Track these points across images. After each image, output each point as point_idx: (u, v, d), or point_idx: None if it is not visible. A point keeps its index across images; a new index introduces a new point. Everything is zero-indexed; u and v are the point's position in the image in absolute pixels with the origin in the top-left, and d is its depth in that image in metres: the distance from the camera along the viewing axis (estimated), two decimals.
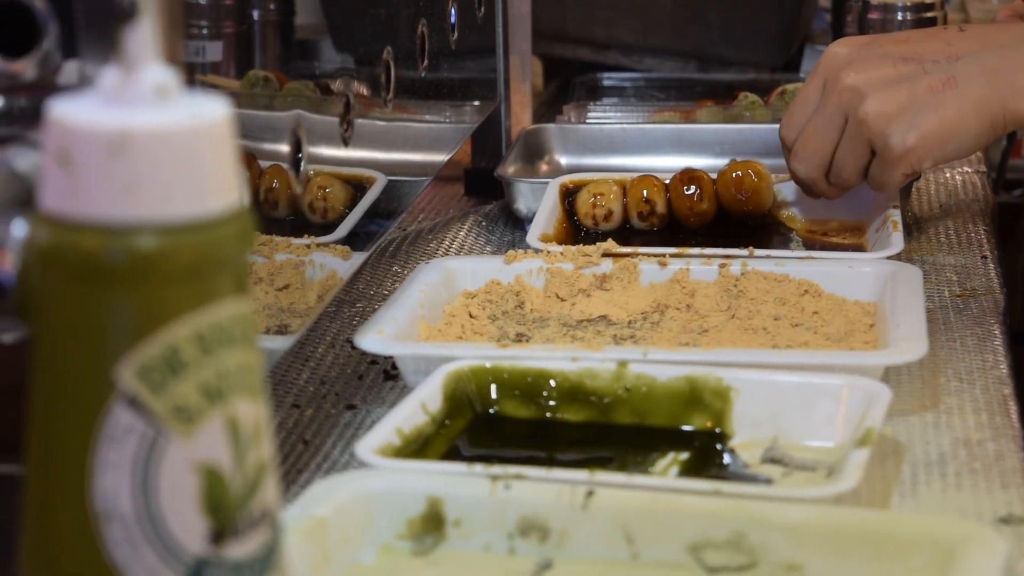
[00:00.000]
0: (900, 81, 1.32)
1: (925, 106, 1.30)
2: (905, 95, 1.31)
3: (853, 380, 1.08)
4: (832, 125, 1.35)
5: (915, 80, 1.31)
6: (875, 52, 1.34)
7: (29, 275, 0.64)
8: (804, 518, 0.90)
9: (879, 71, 1.32)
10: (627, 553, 0.92)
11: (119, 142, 0.62)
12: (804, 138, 1.37)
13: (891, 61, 1.32)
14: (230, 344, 0.65)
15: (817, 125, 1.36)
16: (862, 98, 1.32)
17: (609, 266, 1.33)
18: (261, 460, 0.66)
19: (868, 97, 1.31)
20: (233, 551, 0.65)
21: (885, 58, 1.33)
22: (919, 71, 1.32)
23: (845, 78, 1.33)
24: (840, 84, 1.33)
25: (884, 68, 1.32)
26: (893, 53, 1.33)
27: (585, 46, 2.07)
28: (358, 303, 1.40)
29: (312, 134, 1.20)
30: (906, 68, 1.32)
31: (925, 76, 1.31)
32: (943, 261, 1.46)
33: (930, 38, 1.34)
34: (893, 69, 1.32)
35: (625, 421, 1.10)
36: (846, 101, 1.33)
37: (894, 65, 1.32)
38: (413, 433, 1.05)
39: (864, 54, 1.34)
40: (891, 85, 1.31)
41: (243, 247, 0.65)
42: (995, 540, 0.87)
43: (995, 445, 1.08)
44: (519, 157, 1.69)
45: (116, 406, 0.63)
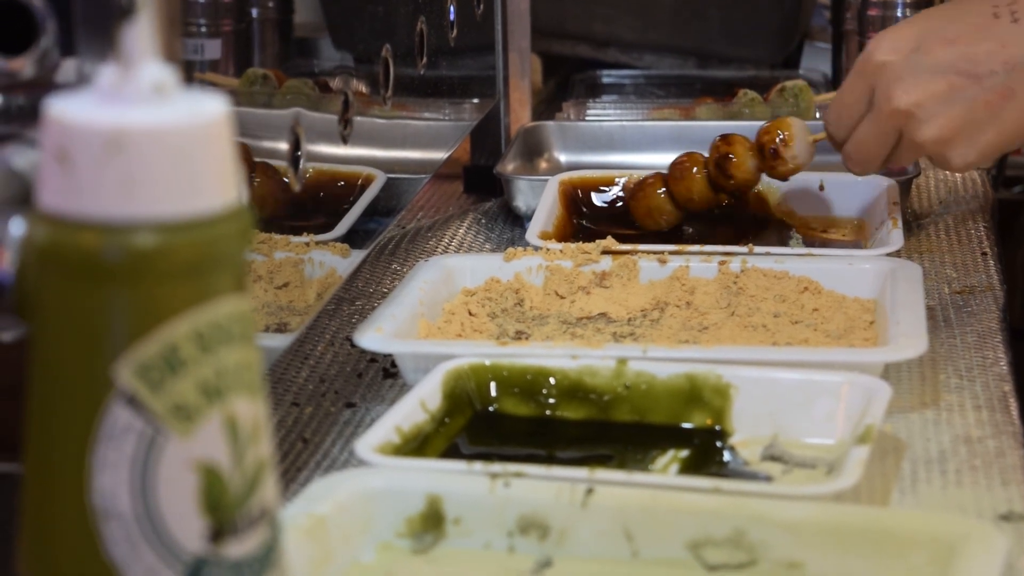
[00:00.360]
0: (955, 99, 1.26)
1: (984, 123, 1.26)
2: (962, 115, 1.26)
3: (853, 377, 1.07)
4: (886, 139, 1.30)
5: (971, 96, 1.26)
6: (925, 62, 1.27)
7: (27, 273, 0.64)
8: (804, 516, 0.90)
9: (932, 89, 1.26)
10: (627, 551, 0.92)
11: (117, 140, 0.62)
12: (857, 144, 1.32)
13: (943, 76, 1.26)
14: (229, 342, 0.65)
15: (870, 134, 1.31)
16: (918, 123, 1.27)
17: (608, 263, 1.33)
18: (260, 458, 0.66)
19: (924, 123, 1.27)
20: (232, 550, 0.65)
21: (936, 72, 1.26)
22: (974, 85, 1.26)
23: (896, 99, 1.27)
24: (892, 105, 1.27)
25: (936, 84, 1.26)
26: (944, 63, 1.26)
27: (584, 43, 2.07)
28: (357, 301, 1.40)
29: (311, 132, 1.20)
30: (960, 82, 1.26)
31: (981, 91, 1.26)
32: (943, 258, 1.46)
33: (982, 36, 1.27)
34: (946, 85, 1.26)
35: (625, 419, 1.10)
36: (900, 123, 1.28)
37: (947, 80, 1.26)
38: (412, 431, 1.05)
39: (913, 66, 1.27)
40: (946, 105, 1.26)
41: (241, 245, 0.65)
42: (995, 537, 0.87)
43: (995, 442, 1.08)
44: (518, 154, 1.69)
45: (114, 404, 0.63)
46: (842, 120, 1.33)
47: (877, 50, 1.29)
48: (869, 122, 1.31)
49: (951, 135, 1.27)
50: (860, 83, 1.31)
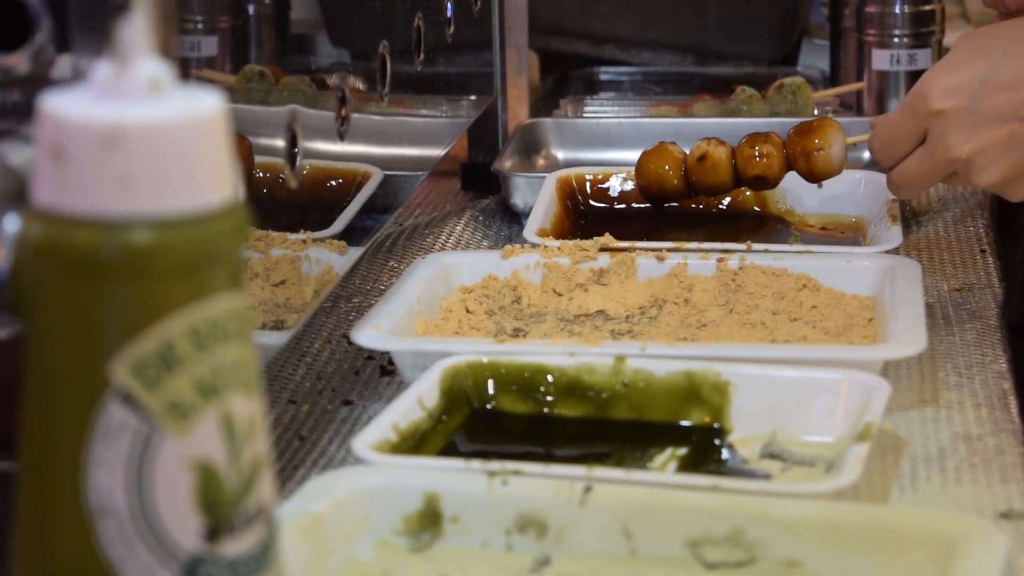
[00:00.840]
0: (1015, 145, 1.24)
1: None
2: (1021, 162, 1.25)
3: (852, 375, 1.07)
4: (939, 176, 1.28)
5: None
6: (984, 110, 1.25)
7: (23, 270, 0.64)
8: (803, 514, 0.90)
9: (991, 137, 1.25)
10: (625, 549, 0.91)
11: (112, 136, 0.61)
12: (906, 178, 1.30)
13: (1004, 123, 1.24)
14: (225, 339, 0.64)
15: (922, 171, 1.28)
16: (978, 170, 1.25)
17: (606, 261, 1.32)
18: (256, 456, 0.66)
19: (984, 169, 1.25)
20: (228, 548, 0.65)
21: (997, 119, 1.24)
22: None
23: (956, 149, 1.25)
24: (951, 154, 1.25)
25: (996, 132, 1.24)
26: (1004, 111, 1.24)
27: (582, 40, 2.06)
28: (354, 298, 1.40)
29: (308, 129, 1.20)
30: (1020, 129, 1.24)
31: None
32: (942, 255, 1.46)
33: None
34: (1007, 133, 1.24)
35: (623, 416, 1.10)
36: (957, 168, 1.26)
37: (1008, 127, 1.24)
38: (410, 429, 1.04)
39: (973, 115, 1.25)
40: (1006, 151, 1.25)
41: (238, 241, 0.64)
42: (995, 535, 0.87)
43: (995, 440, 1.08)
44: (516, 151, 1.69)
45: (110, 402, 0.63)
46: (890, 151, 1.30)
47: (932, 91, 1.26)
48: (922, 159, 1.28)
49: (1012, 177, 1.25)
50: (912, 122, 1.28)
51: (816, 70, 2.02)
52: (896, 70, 1.79)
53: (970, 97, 1.25)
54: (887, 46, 1.79)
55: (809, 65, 2.07)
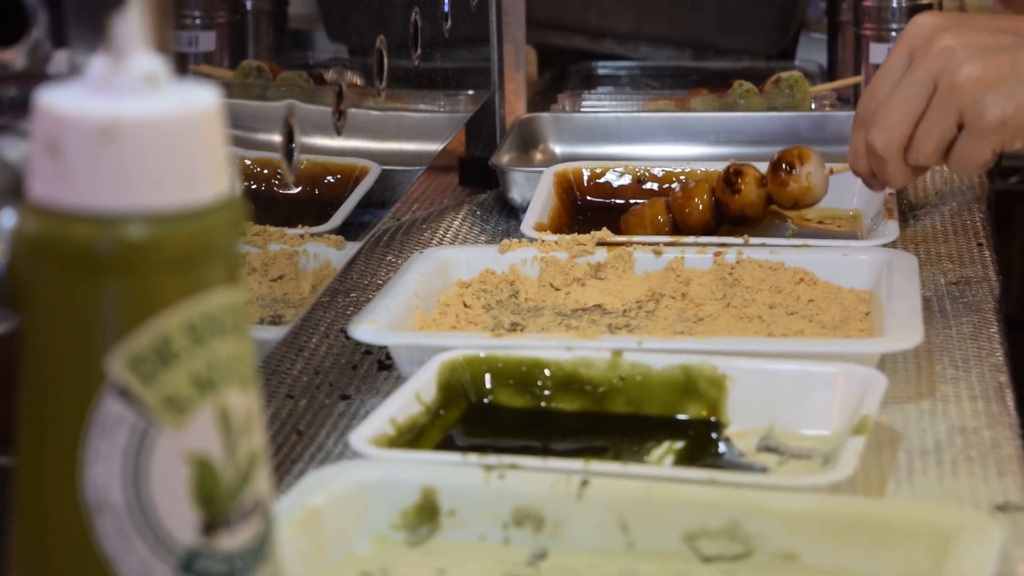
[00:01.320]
0: (1000, 50, 1.21)
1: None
2: (1007, 63, 1.21)
3: (849, 368, 1.07)
4: (920, 91, 1.23)
5: (1016, 51, 1.21)
6: (972, 23, 1.24)
7: (19, 265, 0.64)
8: (800, 507, 0.90)
9: (977, 38, 1.22)
10: (622, 542, 0.92)
11: (108, 130, 0.62)
12: (886, 107, 1.25)
13: (989, 32, 1.22)
14: (221, 334, 0.64)
15: (903, 91, 1.24)
16: (959, 62, 1.21)
17: (604, 255, 1.32)
18: (253, 451, 0.66)
19: (966, 61, 1.21)
20: (225, 542, 0.65)
21: (982, 29, 1.23)
22: (1019, 41, 1.21)
23: (939, 40, 1.22)
24: (934, 47, 1.22)
25: (982, 37, 1.22)
26: (990, 24, 1.24)
27: (580, 35, 2.07)
28: (352, 293, 1.40)
29: (305, 124, 1.20)
30: (1006, 40, 1.22)
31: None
32: (938, 249, 1.46)
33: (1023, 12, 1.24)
34: (992, 39, 1.22)
35: (620, 410, 1.10)
36: (939, 65, 1.22)
37: (992, 36, 1.22)
38: (407, 423, 1.04)
39: (957, 21, 1.24)
40: (990, 52, 1.21)
41: (234, 236, 0.65)
42: (991, 527, 0.87)
43: (991, 433, 1.08)
44: (513, 146, 1.69)
45: (106, 396, 0.63)
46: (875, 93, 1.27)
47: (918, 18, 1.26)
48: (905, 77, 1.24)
49: (992, 78, 1.20)
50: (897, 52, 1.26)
51: (813, 64, 2.02)
52: None
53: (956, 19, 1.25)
54: (884, 40, 1.80)
55: (807, 59, 2.07)
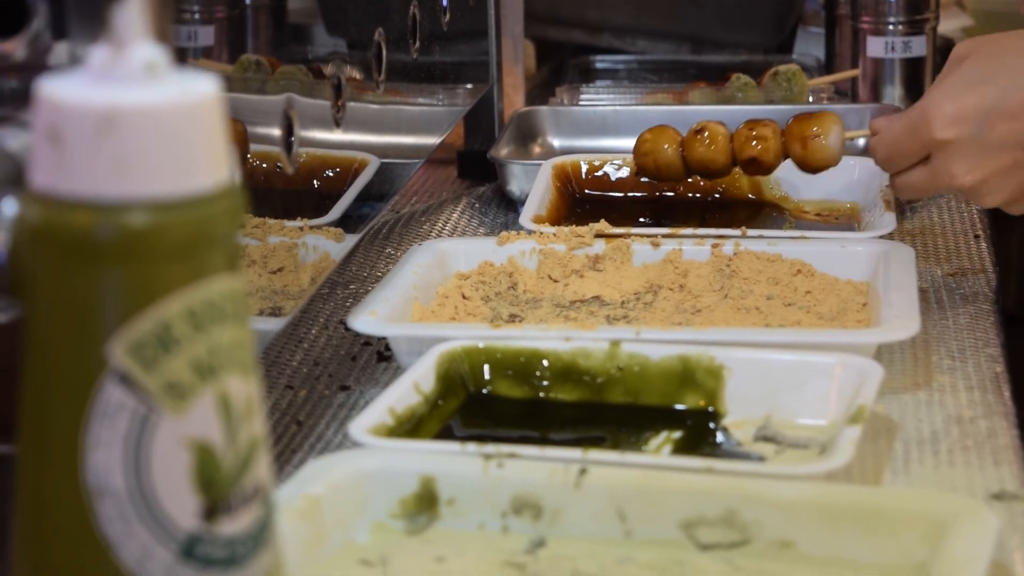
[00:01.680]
0: (1019, 171, 1.24)
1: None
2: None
3: (845, 358, 1.08)
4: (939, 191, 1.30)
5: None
6: (988, 140, 1.24)
7: (20, 253, 0.64)
8: (796, 495, 0.90)
9: (995, 166, 1.24)
10: (620, 531, 0.92)
11: (108, 119, 0.62)
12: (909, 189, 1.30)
13: (1008, 152, 1.24)
14: (222, 320, 0.65)
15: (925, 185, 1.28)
16: (981, 196, 1.26)
17: (602, 247, 1.33)
18: (253, 436, 0.67)
19: (987, 195, 1.26)
20: (226, 527, 0.66)
21: (1002, 148, 1.24)
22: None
23: (960, 178, 1.25)
24: (956, 182, 1.25)
25: (1000, 161, 1.24)
26: (1009, 140, 1.24)
27: (578, 28, 2.07)
28: (351, 285, 1.40)
29: (304, 117, 1.20)
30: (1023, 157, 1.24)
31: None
32: (935, 241, 1.46)
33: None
34: (1011, 161, 1.24)
35: (618, 400, 1.10)
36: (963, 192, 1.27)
37: (1012, 156, 1.24)
38: (406, 413, 1.05)
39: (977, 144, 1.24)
40: (1011, 177, 1.25)
41: (234, 224, 0.65)
42: (987, 515, 0.88)
43: (987, 422, 1.09)
44: (512, 139, 1.69)
45: (108, 383, 0.63)
46: (893, 164, 1.30)
47: (936, 119, 1.25)
48: (925, 178, 1.28)
49: (1016, 198, 1.26)
50: (915, 145, 1.27)
51: (811, 58, 2.02)
52: (891, 57, 1.80)
53: (975, 127, 1.24)
54: (882, 33, 1.80)
55: (804, 53, 2.07)
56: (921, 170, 1.28)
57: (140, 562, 0.64)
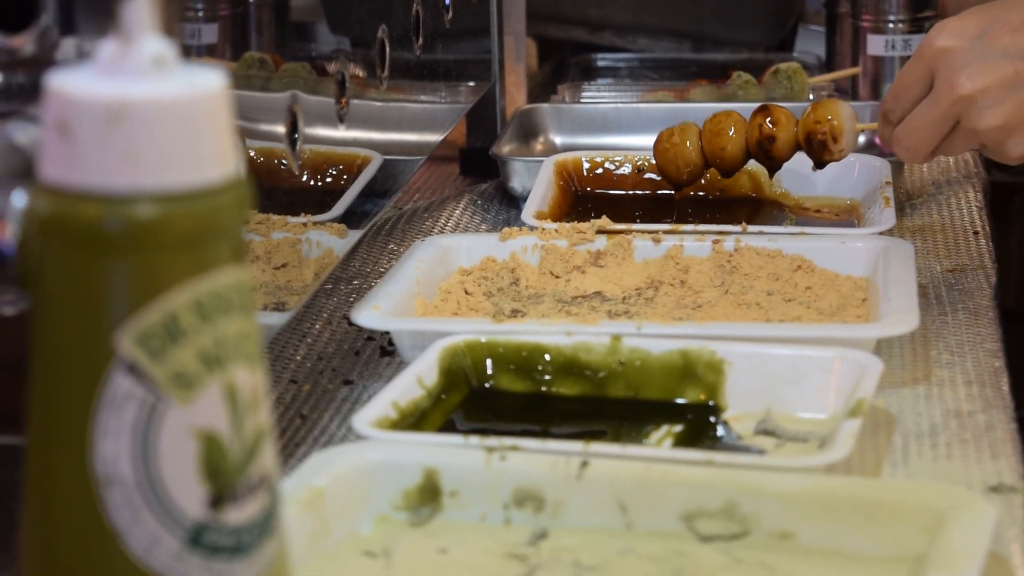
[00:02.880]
0: (1020, 85, 1.22)
1: None
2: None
3: (845, 352, 1.08)
4: (942, 126, 1.26)
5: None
6: (990, 48, 1.23)
7: (29, 244, 0.65)
8: (796, 487, 0.91)
9: (997, 75, 1.22)
10: (621, 522, 0.93)
11: (117, 111, 0.63)
12: (910, 131, 1.27)
13: (1010, 61, 1.22)
14: (228, 312, 0.66)
15: (925, 122, 1.26)
16: (979, 110, 1.23)
17: (603, 243, 1.34)
18: (259, 426, 0.67)
19: (987, 109, 1.23)
20: (232, 516, 0.66)
21: (1003, 57, 1.22)
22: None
23: (960, 85, 1.23)
24: (955, 91, 1.23)
25: (1002, 70, 1.22)
26: (1011, 49, 1.22)
27: (579, 27, 2.08)
28: (354, 280, 1.41)
29: (308, 114, 1.21)
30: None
31: None
32: (935, 237, 1.47)
33: None
34: (1013, 71, 1.22)
35: (619, 394, 1.11)
36: (960, 110, 1.24)
37: (1014, 66, 1.22)
38: (409, 406, 1.06)
39: (978, 52, 1.23)
40: (1011, 92, 1.22)
41: (240, 215, 0.66)
42: (984, 507, 0.88)
43: (986, 416, 1.09)
44: (514, 137, 1.70)
45: (116, 373, 0.64)
46: (899, 102, 1.28)
47: (939, 35, 1.25)
48: (927, 106, 1.26)
49: (1014, 124, 1.23)
50: (919, 66, 1.26)
51: (812, 56, 2.03)
52: (891, 55, 1.81)
53: (976, 38, 1.23)
54: (882, 31, 1.81)
55: (805, 51, 2.08)
56: (924, 102, 1.26)
57: (148, 550, 0.65)
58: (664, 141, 1.48)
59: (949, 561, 0.84)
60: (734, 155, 1.44)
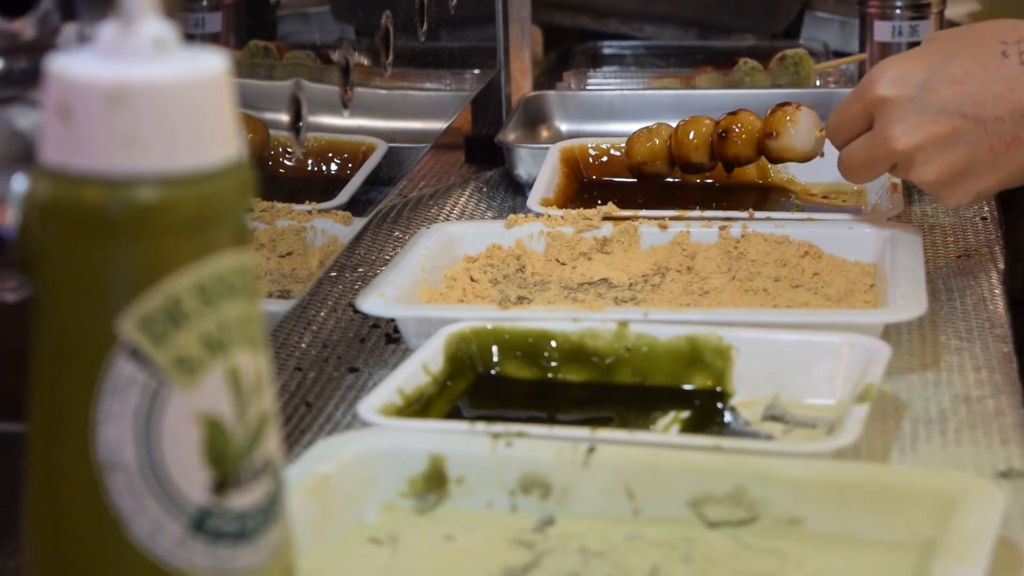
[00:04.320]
0: (957, 143, 1.21)
1: (985, 169, 1.21)
2: (962, 159, 1.21)
3: (853, 338, 1.08)
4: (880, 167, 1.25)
5: (974, 141, 1.21)
6: (930, 101, 1.21)
7: (30, 228, 0.65)
8: (804, 472, 0.91)
9: (934, 131, 1.21)
10: (628, 508, 0.92)
11: (118, 94, 0.62)
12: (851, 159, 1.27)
13: (947, 117, 1.20)
14: (231, 295, 0.65)
15: (864, 160, 1.26)
16: (916, 165, 1.22)
17: (609, 229, 1.33)
18: (263, 411, 0.67)
19: (922, 165, 1.22)
20: (236, 501, 0.66)
21: (941, 113, 1.20)
22: (979, 130, 1.20)
23: (896, 140, 1.22)
24: (891, 145, 1.22)
25: (939, 126, 1.21)
26: (949, 104, 1.20)
27: (585, 14, 2.07)
28: (359, 268, 1.41)
29: (312, 102, 1.21)
30: (964, 125, 1.20)
31: (985, 136, 1.20)
32: (942, 222, 1.47)
33: (990, 77, 1.20)
34: (950, 128, 1.21)
35: (626, 381, 1.11)
36: (897, 159, 1.23)
37: (951, 122, 1.21)
38: (415, 393, 1.05)
39: (917, 105, 1.21)
40: (947, 149, 1.21)
41: (243, 199, 0.65)
42: (994, 492, 0.88)
43: (995, 402, 1.09)
44: (519, 124, 1.69)
45: (118, 358, 0.64)
46: (839, 134, 1.28)
47: (880, 80, 1.23)
48: (865, 146, 1.25)
49: (949, 179, 1.22)
50: (859, 106, 1.25)
51: (818, 42, 2.02)
52: (898, 41, 1.80)
53: (917, 88, 1.21)
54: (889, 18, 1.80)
55: (811, 38, 2.07)
56: (863, 137, 1.25)
57: (151, 536, 0.65)
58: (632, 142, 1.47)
59: (959, 547, 0.83)
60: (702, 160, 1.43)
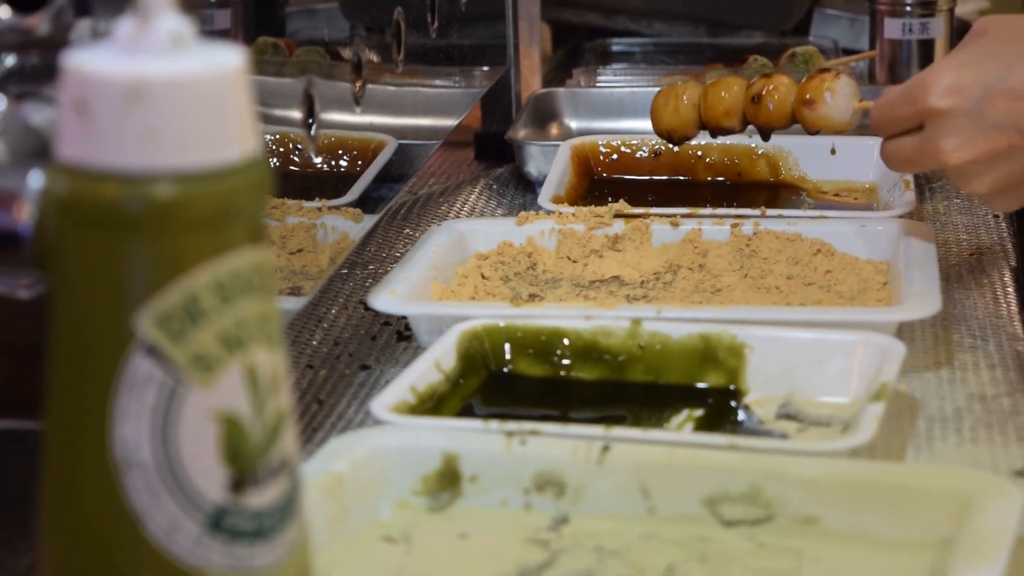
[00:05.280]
0: (1012, 158, 1.18)
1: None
2: (1019, 173, 1.18)
3: (867, 336, 1.07)
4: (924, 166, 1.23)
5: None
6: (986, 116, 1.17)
7: (47, 225, 0.64)
8: (820, 471, 0.90)
9: (987, 146, 1.18)
10: (643, 507, 0.92)
11: (136, 90, 0.62)
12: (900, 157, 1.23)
13: (1003, 133, 1.17)
14: (248, 293, 0.65)
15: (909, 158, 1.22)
16: (967, 177, 1.19)
17: (621, 227, 1.33)
18: (280, 409, 0.66)
19: (974, 178, 1.19)
20: (253, 499, 0.66)
21: (996, 128, 1.17)
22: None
23: (947, 155, 1.18)
24: (943, 158, 1.18)
25: (993, 142, 1.18)
26: (1006, 121, 1.17)
27: (594, 11, 2.07)
28: (370, 265, 1.40)
29: (323, 99, 1.20)
30: (1020, 142, 1.17)
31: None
32: (955, 220, 1.46)
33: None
34: (1005, 144, 1.18)
35: (639, 379, 1.10)
36: (948, 171, 1.20)
37: (1007, 138, 1.17)
38: (427, 391, 1.05)
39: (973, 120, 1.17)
40: (1000, 163, 1.18)
41: (260, 196, 0.65)
42: (1011, 491, 0.87)
43: (1010, 400, 1.08)
44: (529, 121, 1.69)
45: (136, 355, 0.63)
46: (885, 128, 1.24)
47: (934, 88, 1.18)
48: (913, 147, 1.22)
49: (1000, 190, 1.20)
50: (909, 111, 1.20)
51: (828, 39, 2.02)
52: (908, 39, 1.80)
53: (973, 100, 1.18)
54: (899, 15, 1.79)
55: (821, 35, 2.07)
56: (911, 139, 1.21)
57: (168, 534, 0.64)
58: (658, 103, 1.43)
59: (977, 545, 0.83)
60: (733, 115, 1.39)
